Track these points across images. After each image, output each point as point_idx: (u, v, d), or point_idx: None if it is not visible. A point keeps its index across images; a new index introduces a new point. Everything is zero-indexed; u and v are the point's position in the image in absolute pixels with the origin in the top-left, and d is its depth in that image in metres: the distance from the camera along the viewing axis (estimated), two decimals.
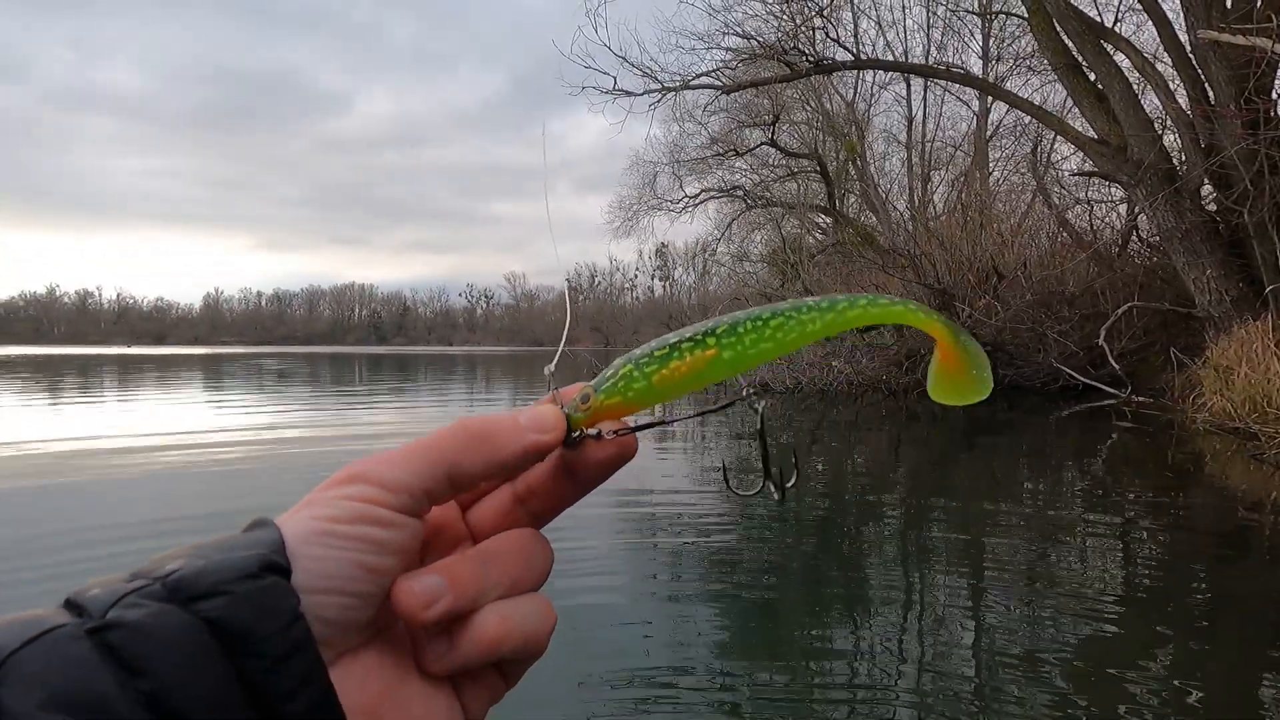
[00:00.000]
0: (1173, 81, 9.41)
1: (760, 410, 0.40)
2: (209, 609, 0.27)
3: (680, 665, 2.27)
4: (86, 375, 20.13)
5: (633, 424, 0.37)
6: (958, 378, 0.42)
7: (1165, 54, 9.52)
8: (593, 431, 0.36)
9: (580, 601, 2.87)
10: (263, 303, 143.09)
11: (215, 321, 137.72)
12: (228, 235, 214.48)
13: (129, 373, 21.61)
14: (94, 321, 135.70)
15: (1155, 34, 9.61)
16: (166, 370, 23.16)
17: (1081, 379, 10.28)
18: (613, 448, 0.37)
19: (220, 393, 14.13)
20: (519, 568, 0.34)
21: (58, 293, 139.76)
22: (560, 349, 0.42)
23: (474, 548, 0.35)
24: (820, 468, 6.21)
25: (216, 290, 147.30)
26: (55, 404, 11.46)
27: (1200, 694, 2.12)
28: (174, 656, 0.26)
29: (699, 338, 0.37)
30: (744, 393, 0.40)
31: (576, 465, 0.37)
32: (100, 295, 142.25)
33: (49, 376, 19.43)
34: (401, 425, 8.74)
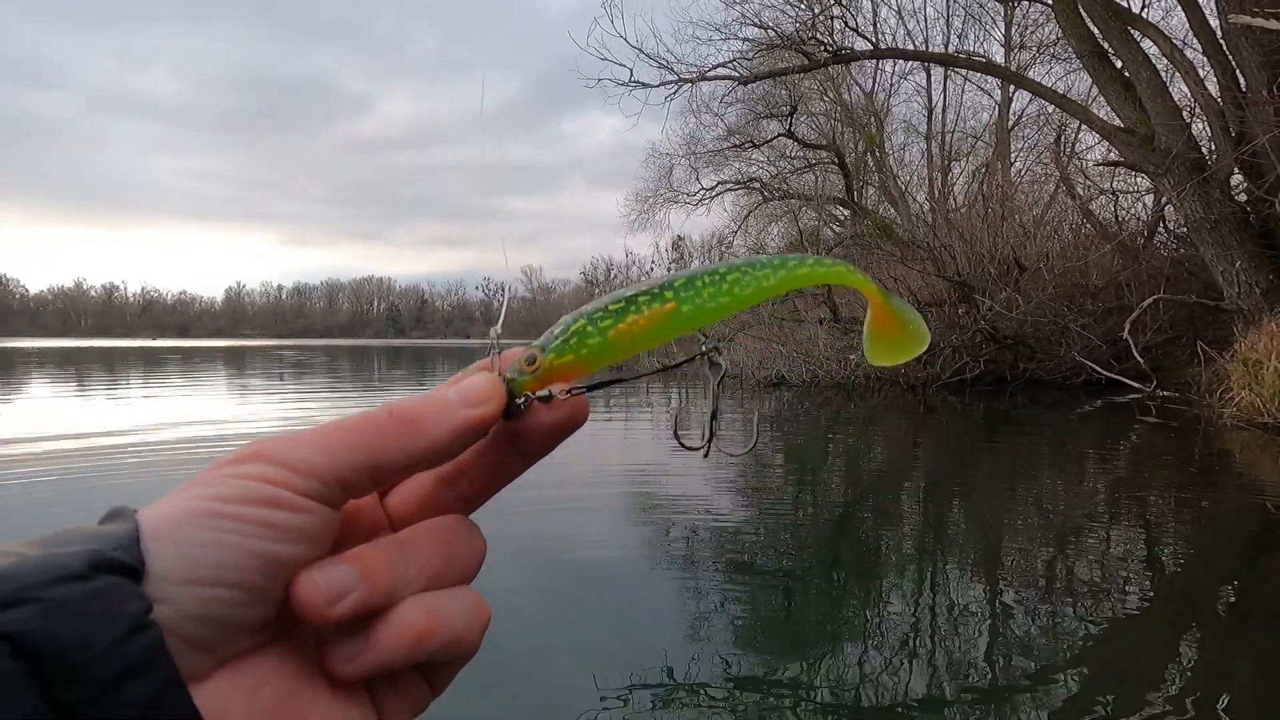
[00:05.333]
0: (1202, 68, 9.19)
1: (721, 365, 0.38)
2: (10, 621, 0.21)
3: (692, 650, 2.27)
4: (140, 369, 20.52)
5: (585, 384, 0.34)
6: (894, 334, 0.42)
7: (1195, 40, 9.28)
8: (542, 393, 0.33)
9: (591, 589, 2.88)
10: (283, 296, 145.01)
11: (237, 314, 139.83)
12: (253, 231, 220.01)
13: (167, 365, 22.01)
14: (119, 314, 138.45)
15: (1184, 19, 9.38)
16: (200, 362, 23.55)
17: (1105, 373, 10.11)
18: (563, 411, 0.32)
19: (252, 383, 14.35)
20: (443, 558, 0.30)
21: (84, 286, 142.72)
22: (503, 311, 0.38)
23: (390, 536, 0.30)
24: (837, 461, 6.17)
25: (238, 284, 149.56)
26: (111, 396, 11.70)
27: (1226, 695, 2.08)
28: None
29: (656, 291, 0.35)
30: (703, 348, 0.38)
31: (520, 434, 0.33)
32: (125, 289, 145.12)
33: (98, 371, 19.82)
34: None
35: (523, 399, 0.33)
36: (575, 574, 3.11)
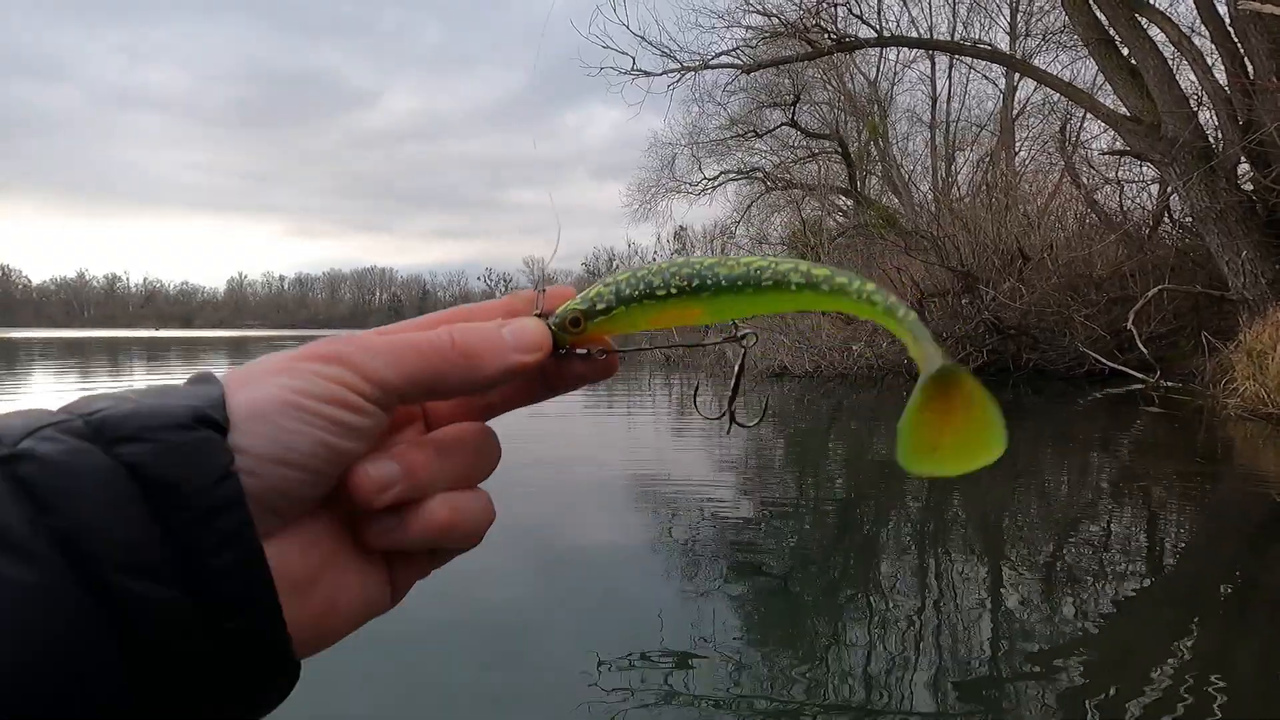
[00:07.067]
0: (1210, 56, 9.10)
1: (747, 347, 0.41)
2: (132, 453, 0.25)
3: (693, 643, 2.28)
4: (148, 360, 20.54)
5: (619, 346, 0.37)
6: (956, 433, 0.31)
7: (1203, 27, 9.19)
8: (581, 351, 0.36)
9: (593, 572, 2.89)
10: (285, 287, 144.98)
11: (239, 305, 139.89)
12: (257, 223, 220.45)
13: (172, 356, 22.04)
14: (122, 305, 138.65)
15: (1192, 6, 9.28)
16: (205, 352, 23.57)
17: (1108, 364, 10.08)
18: (596, 367, 0.37)
19: None
20: (469, 463, 0.34)
21: (87, 276, 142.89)
22: (554, 251, 0.43)
23: (429, 437, 0.34)
24: (840, 450, 6.17)
25: (240, 274, 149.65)
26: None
27: (1227, 685, 2.09)
28: (90, 496, 0.24)
29: (694, 285, 0.36)
30: (735, 333, 0.40)
31: (552, 375, 0.37)
32: (128, 279, 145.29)
33: (109, 364, 19.85)
34: None
35: (564, 350, 0.36)
36: (576, 557, 3.12)
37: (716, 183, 22.30)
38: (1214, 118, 9.28)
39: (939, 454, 0.31)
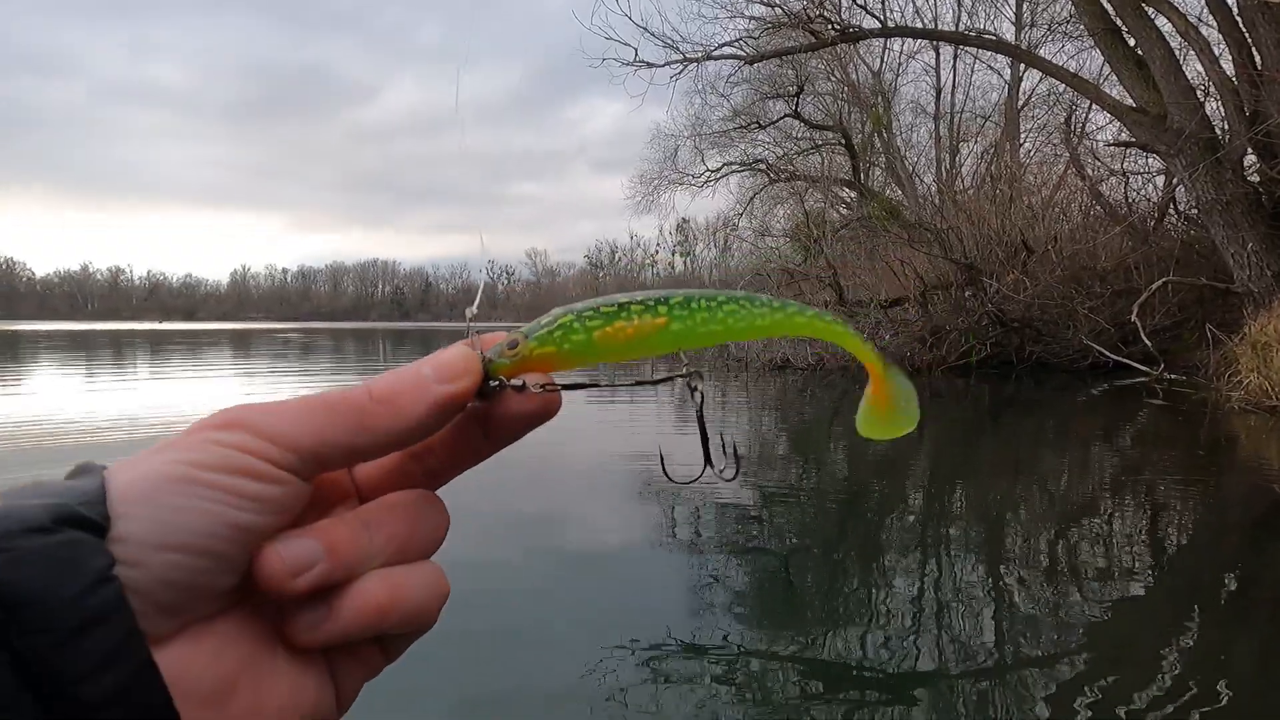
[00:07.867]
0: (1217, 46, 9.02)
1: (699, 391, 0.38)
2: None
3: (698, 636, 2.29)
4: (153, 353, 20.60)
5: (561, 381, 0.33)
6: (884, 411, 0.40)
7: (1210, 17, 9.11)
8: (516, 382, 0.32)
9: (595, 563, 2.90)
10: (288, 279, 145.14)
11: (242, 298, 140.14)
12: (259, 217, 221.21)
13: (176, 349, 22.09)
14: (126, 298, 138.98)
15: None
16: (208, 344, 23.63)
17: (1112, 356, 10.06)
18: (536, 402, 0.32)
19: (259, 366, 14.42)
20: (407, 533, 0.30)
21: (91, 269, 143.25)
22: (480, 290, 0.39)
23: (355, 510, 0.30)
24: (842, 443, 6.18)
25: (243, 267, 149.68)
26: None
27: (1228, 679, 2.09)
28: None
29: (651, 304, 0.34)
30: (684, 370, 0.37)
31: (491, 418, 0.33)
32: (131, 272, 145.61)
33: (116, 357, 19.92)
34: None
35: (497, 382, 0.32)
36: (579, 549, 3.13)
37: (719, 174, 22.23)
38: (1220, 109, 9.22)
39: (883, 426, 0.40)
